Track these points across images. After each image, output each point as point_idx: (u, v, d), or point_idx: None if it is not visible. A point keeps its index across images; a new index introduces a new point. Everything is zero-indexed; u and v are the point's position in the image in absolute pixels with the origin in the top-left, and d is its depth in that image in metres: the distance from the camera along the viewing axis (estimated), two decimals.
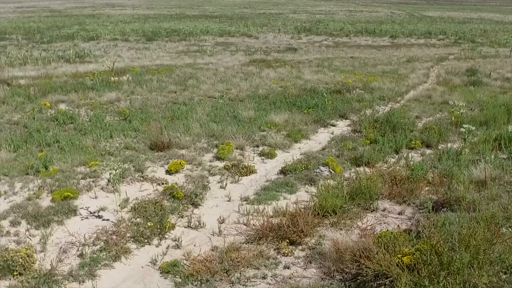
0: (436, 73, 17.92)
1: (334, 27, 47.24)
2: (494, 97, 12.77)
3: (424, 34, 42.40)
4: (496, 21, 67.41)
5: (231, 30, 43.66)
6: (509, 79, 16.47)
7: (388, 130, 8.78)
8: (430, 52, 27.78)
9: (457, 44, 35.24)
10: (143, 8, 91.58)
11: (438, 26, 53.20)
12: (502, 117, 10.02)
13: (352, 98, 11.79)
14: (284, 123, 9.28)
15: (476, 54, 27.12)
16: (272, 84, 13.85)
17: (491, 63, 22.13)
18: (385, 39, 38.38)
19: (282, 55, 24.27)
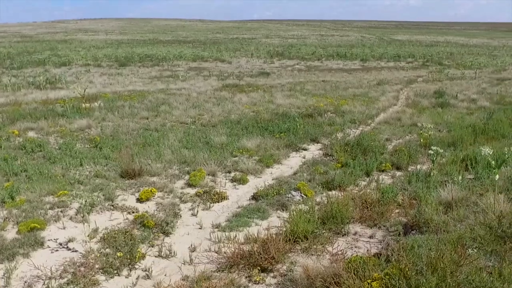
0: (406, 95, 18.34)
1: (306, 51, 48.07)
2: (461, 118, 13.14)
3: (393, 57, 43.47)
4: (461, 44, 69.63)
5: (204, 55, 43.92)
6: (475, 100, 16.96)
7: (359, 153, 8.89)
8: (400, 75, 28.45)
9: (425, 66, 36.22)
10: (116, 34, 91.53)
11: (406, 49, 54.68)
12: (469, 138, 10.29)
13: (324, 122, 11.96)
14: (256, 148, 9.32)
15: (443, 76, 27.88)
16: (244, 109, 13.94)
17: (457, 85, 22.76)
18: (356, 62, 39.16)
19: (254, 79, 24.50)
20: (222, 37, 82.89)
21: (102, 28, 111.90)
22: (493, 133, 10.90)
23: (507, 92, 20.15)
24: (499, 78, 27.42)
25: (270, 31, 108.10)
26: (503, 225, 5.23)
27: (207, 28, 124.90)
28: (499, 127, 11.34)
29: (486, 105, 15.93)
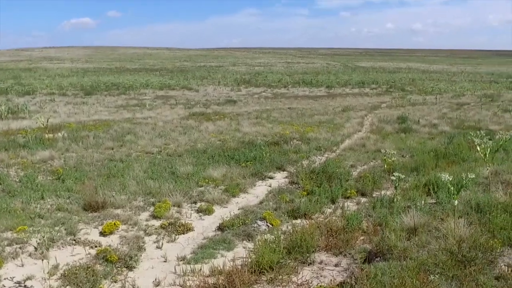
0: (370, 121, 18.73)
1: (273, 79, 48.71)
2: (423, 143, 13.49)
3: (358, 84, 44.50)
4: (422, 71, 71.86)
5: (171, 83, 43.95)
6: (436, 125, 17.47)
7: (324, 180, 8.97)
8: (364, 101, 29.09)
9: (388, 92, 37.20)
10: (82, 62, 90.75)
11: (370, 76, 56.10)
12: (431, 162, 10.55)
13: (290, 150, 12.05)
14: (222, 177, 9.31)
15: (406, 102, 28.67)
16: (211, 137, 13.95)
17: (419, 110, 23.42)
18: (322, 89, 39.89)
19: (221, 107, 24.62)
20: (190, 65, 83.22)
21: (68, 56, 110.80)
22: (454, 157, 11.19)
23: (466, 116, 20.85)
24: (459, 103, 28.39)
25: (237, 59, 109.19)
26: (463, 250, 5.34)
27: (174, 56, 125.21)
28: (459, 151, 11.67)
29: (446, 130, 16.41)
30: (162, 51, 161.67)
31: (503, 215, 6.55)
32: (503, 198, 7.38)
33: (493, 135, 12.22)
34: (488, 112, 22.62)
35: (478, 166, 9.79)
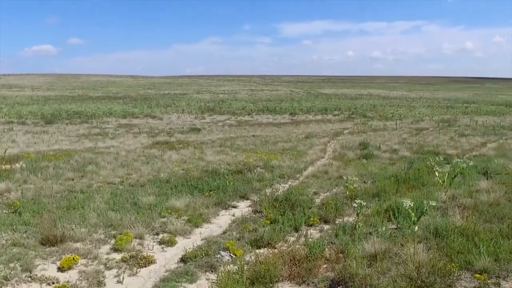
0: (333, 148, 19.01)
1: (237, 106, 48.95)
2: (384, 169, 13.76)
3: (321, 111, 45.20)
4: (383, 97, 73.70)
5: (134, 111, 43.55)
6: (397, 151, 17.89)
7: (287, 208, 9.01)
8: (327, 128, 29.55)
9: (350, 119, 37.91)
10: (44, 90, 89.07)
11: (333, 102, 57.14)
12: (392, 188, 10.76)
13: (253, 178, 12.08)
14: (185, 207, 9.22)
15: (368, 128, 29.29)
16: (174, 167, 13.84)
17: (380, 136, 23.95)
18: (285, 116, 40.30)
19: (185, 136, 24.52)
20: (154, 93, 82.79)
21: (28, 84, 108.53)
22: (414, 182, 11.46)
23: (425, 141, 21.45)
24: (418, 128, 29.19)
25: (202, 87, 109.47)
26: (422, 275, 5.45)
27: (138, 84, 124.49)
28: (419, 176, 11.96)
29: (407, 155, 16.81)
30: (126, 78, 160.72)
31: (460, 239, 6.74)
32: (460, 222, 7.59)
33: (451, 160, 12.64)
34: (445, 137, 23.33)
35: (437, 190, 10.06)
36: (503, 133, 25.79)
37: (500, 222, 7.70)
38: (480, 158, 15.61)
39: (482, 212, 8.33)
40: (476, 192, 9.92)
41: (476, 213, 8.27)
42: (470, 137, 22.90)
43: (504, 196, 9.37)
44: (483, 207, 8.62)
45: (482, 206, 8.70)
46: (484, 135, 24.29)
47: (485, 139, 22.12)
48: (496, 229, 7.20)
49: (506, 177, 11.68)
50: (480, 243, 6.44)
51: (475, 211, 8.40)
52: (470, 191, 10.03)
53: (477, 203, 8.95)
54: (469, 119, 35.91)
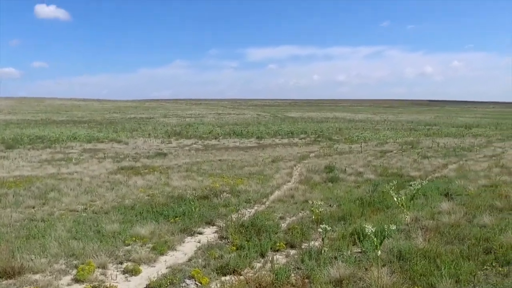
0: (299, 171, 19.13)
1: (204, 130, 48.91)
2: (349, 192, 13.90)
3: (287, 134, 45.61)
4: (348, 120, 75.05)
5: (100, 136, 42.92)
6: (362, 174, 18.14)
7: (253, 234, 8.98)
8: (293, 151, 29.77)
9: (317, 142, 38.37)
10: (5, 113, 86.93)
11: (299, 126, 57.79)
12: (357, 211, 10.88)
13: (219, 203, 12.02)
14: (150, 234, 9.08)
15: (333, 151, 29.66)
16: (139, 193, 13.66)
17: (346, 159, 24.27)
18: (252, 140, 40.46)
19: (151, 160, 24.26)
20: (119, 117, 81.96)
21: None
22: (379, 204, 11.61)
23: (389, 164, 21.84)
24: (382, 151, 29.75)
25: (168, 110, 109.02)
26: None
27: (103, 107, 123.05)
28: (383, 199, 12.12)
29: (371, 178, 17.06)
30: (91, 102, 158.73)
31: (423, 261, 6.86)
32: (423, 245, 7.73)
33: (414, 181, 12.90)
34: (409, 159, 23.84)
35: (401, 212, 10.22)
36: (463, 154, 26.56)
37: (460, 243, 7.87)
38: (442, 180, 15.99)
39: (443, 233, 8.51)
40: (438, 213, 10.13)
41: (438, 235, 8.44)
42: (432, 159, 23.47)
43: (464, 217, 9.61)
44: (445, 228, 8.81)
45: (443, 227, 8.89)
46: (445, 156, 24.94)
47: (446, 160, 22.71)
48: (457, 250, 7.36)
49: (466, 198, 11.98)
50: (442, 265, 6.57)
51: (437, 233, 8.58)
52: (432, 213, 10.24)
53: (439, 224, 9.14)
54: (431, 141, 36.88)
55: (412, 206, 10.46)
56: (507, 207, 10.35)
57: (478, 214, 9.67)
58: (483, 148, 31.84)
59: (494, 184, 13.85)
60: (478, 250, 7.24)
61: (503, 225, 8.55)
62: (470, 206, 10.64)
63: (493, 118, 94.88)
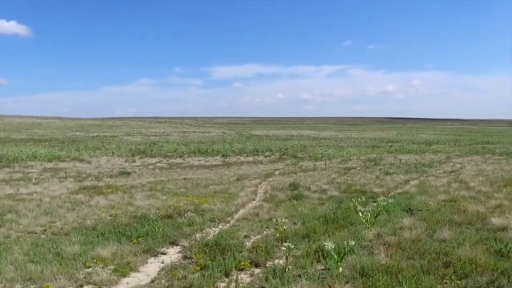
0: (264, 189, 19.16)
1: (169, 149, 48.51)
2: (314, 209, 13.99)
3: (252, 152, 45.75)
4: (313, 137, 75.88)
5: (61, 155, 42.00)
6: (326, 191, 18.31)
7: (218, 253, 8.91)
8: (258, 169, 29.84)
9: (281, 159, 38.62)
10: None
11: (264, 143, 58.06)
12: (321, 228, 10.94)
13: (183, 223, 11.89)
14: (112, 256, 8.88)
15: (298, 169, 29.89)
16: (101, 213, 13.38)
17: (310, 176, 24.48)
18: (217, 158, 40.40)
19: (114, 180, 23.87)
20: (82, 135, 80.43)
21: None
22: (342, 221, 11.71)
23: (353, 180, 22.15)
24: (346, 168, 30.17)
25: (133, 129, 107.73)
26: None
27: (66, 125, 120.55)
28: (347, 215, 12.25)
29: (335, 195, 17.23)
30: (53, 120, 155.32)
31: (385, 277, 6.94)
32: (385, 260, 7.84)
33: (377, 198, 13.13)
34: (372, 176, 24.24)
35: (364, 229, 10.35)
36: (424, 170, 27.21)
37: (421, 258, 8.02)
38: (403, 196, 16.30)
39: (405, 249, 8.65)
40: (400, 229, 10.30)
41: (399, 250, 8.57)
42: (395, 175, 23.94)
43: (425, 232, 9.80)
44: (406, 244, 8.96)
45: (405, 243, 9.04)
46: (407, 173, 25.48)
47: (408, 176, 23.19)
48: (418, 265, 7.49)
49: (427, 213, 12.24)
50: (403, 280, 6.68)
51: (399, 249, 8.71)
52: (394, 229, 10.40)
53: (401, 240, 9.29)
54: (393, 157, 37.65)
55: (375, 223, 10.61)
56: (465, 221, 10.62)
57: (438, 229, 9.89)
58: (443, 164, 32.72)
59: (453, 199, 14.20)
60: (438, 264, 7.40)
61: (461, 239, 8.76)
62: (431, 221, 10.87)
63: (451, 135, 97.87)
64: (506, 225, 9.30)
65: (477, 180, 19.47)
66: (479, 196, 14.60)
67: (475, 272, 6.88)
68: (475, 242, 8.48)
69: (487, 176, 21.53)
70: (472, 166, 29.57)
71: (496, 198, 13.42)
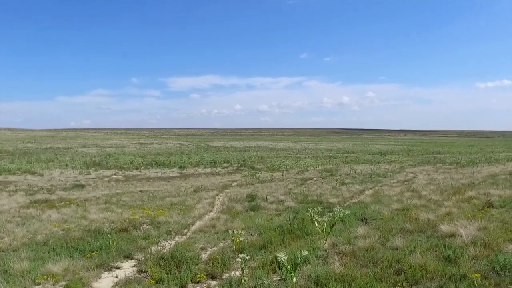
0: (221, 201, 19.12)
1: (125, 160, 47.68)
2: (270, 220, 14.05)
3: (210, 163, 45.58)
4: (270, 148, 76.37)
5: (11, 168, 40.55)
6: (283, 201, 18.45)
7: (173, 266, 8.80)
8: (216, 181, 29.76)
9: (239, 171, 38.67)
10: None
11: (222, 155, 57.95)
12: (277, 239, 10.99)
13: (139, 236, 11.70)
14: (64, 271, 8.62)
15: (255, 180, 29.99)
16: (53, 227, 12.98)
17: (268, 187, 24.61)
18: (174, 170, 40.01)
19: (68, 193, 23.26)
20: (34, 147, 77.92)
21: None
22: (299, 231, 11.81)
23: (310, 191, 22.41)
24: (303, 178, 30.50)
25: (87, 140, 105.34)
26: None
27: (17, 137, 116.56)
28: (303, 225, 12.36)
29: (292, 205, 17.38)
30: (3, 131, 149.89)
31: (339, 286, 7.05)
32: (339, 269, 7.95)
33: (333, 208, 13.33)
34: (328, 186, 24.61)
35: (320, 238, 10.47)
36: (378, 180, 27.86)
37: (374, 266, 8.18)
38: (358, 205, 16.61)
39: (359, 257, 8.80)
40: (354, 238, 10.48)
41: (354, 259, 8.72)
42: (350, 185, 24.39)
43: (378, 241, 10.02)
44: (360, 252, 9.12)
45: (359, 251, 9.21)
46: (362, 182, 26.02)
47: (363, 186, 23.68)
48: (371, 273, 7.64)
49: (380, 222, 12.51)
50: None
51: (353, 257, 8.86)
52: (349, 238, 10.57)
53: (355, 249, 9.45)
54: (349, 168, 38.36)
55: (330, 232, 10.76)
56: (416, 229, 10.92)
57: (391, 237, 10.12)
58: (397, 173, 33.61)
59: (405, 208, 14.57)
60: (390, 272, 7.57)
61: (413, 246, 9.00)
62: (384, 230, 11.11)
63: (405, 145, 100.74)
64: (454, 232, 9.61)
65: (428, 189, 20.08)
66: (430, 204, 15.05)
67: (425, 278, 7.08)
68: (425, 249, 8.73)
69: (438, 185, 22.26)
70: (424, 176, 30.50)
71: (445, 206, 13.86)
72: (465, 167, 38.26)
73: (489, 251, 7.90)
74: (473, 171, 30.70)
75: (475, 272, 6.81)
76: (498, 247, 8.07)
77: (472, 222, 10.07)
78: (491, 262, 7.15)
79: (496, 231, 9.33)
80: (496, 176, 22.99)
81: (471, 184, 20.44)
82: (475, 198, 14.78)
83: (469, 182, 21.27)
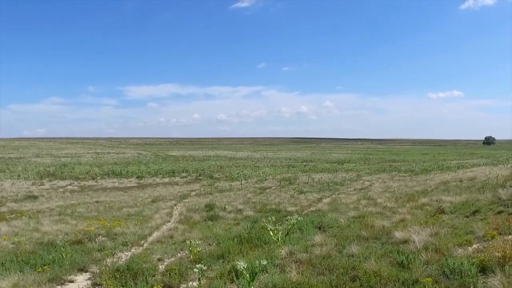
0: (179, 211, 18.95)
1: (81, 170, 46.52)
2: (229, 230, 14.03)
3: (168, 173, 45.07)
4: (229, 158, 76.29)
5: None
6: (241, 211, 18.45)
7: (129, 278, 8.65)
8: (174, 190, 29.46)
9: (198, 180, 38.41)
10: None
11: (181, 164, 57.43)
12: (235, 248, 10.97)
13: (94, 248, 11.43)
14: (13, 287, 8.32)
15: (214, 189, 29.88)
16: (2, 241, 12.50)
17: (226, 197, 24.57)
18: (132, 180, 39.33)
19: (19, 204, 22.49)
20: None
21: None
22: (257, 240, 11.82)
23: (268, 200, 22.51)
24: (262, 187, 30.61)
25: (41, 150, 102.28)
26: None
27: None
28: (261, 234, 12.38)
29: (250, 214, 17.40)
30: None
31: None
32: (296, 277, 8.01)
33: (291, 216, 13.42)
34: (286, 195, 24.79)
35: (278, 247, 10.52)
36: (336, 188, 28.29)
37: (331, 273, 8.28)
38: (316, 213, 16.80)
39: (315, 265, 8.89)
40: (311, 246, 10.58)
41: (310, 267, 8.80)
42: (308, 194, 24.65)
43: (335, 248, 10.15)
44: (317, 260, 9.22)
45: (316, 259, 9.30)
46: (320, 191, 26.35)
47: (320, 195, 23.98)
48: (327, 280, 7.73)
49: (337, 229, 12.70)
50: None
51: (310, 265, 8.94)
52: (306, 246, 10.67)
53: (312, 257, 9.55)
54: (307, 176, 38.76)
55: (288, 241, 10.82)
56: (372, 236, 11.14)
57: (347, 244, 10.27)
58: (354, 182, 34.22)
59: (361, 215, 14.85)
60: (346, 279, 7.68)
61: (368, 253, 9.17)
62: (341, 237, 11.27)
63: (362, 154, 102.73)
64: (407, 238, 9.85)
65: (384, 197, 20.54)
66: (385, 211, 15.40)
67: (379, 284, 7.22)
68: (380, 256, 8.91)
69: (393, 192, 22.81)
70: (380, 183, 31.18)
71: (400, 213, 14.22)
72: (419, 174, 39.37)
73: (440, 255, 8.15)
74: (427, 179, 31.63)
75: (426, 276, 7.00)
76: (448, 252, 8.33)
77: (424, 228, 10.35)
78: (442, 267, 7.37)
79: (446, 236, 9.63)
80: (448, 183, 23.77)
81: (424, 191, 21.05)
82: (427, 205, 15.22)
83: (422, 189, 21.90)
